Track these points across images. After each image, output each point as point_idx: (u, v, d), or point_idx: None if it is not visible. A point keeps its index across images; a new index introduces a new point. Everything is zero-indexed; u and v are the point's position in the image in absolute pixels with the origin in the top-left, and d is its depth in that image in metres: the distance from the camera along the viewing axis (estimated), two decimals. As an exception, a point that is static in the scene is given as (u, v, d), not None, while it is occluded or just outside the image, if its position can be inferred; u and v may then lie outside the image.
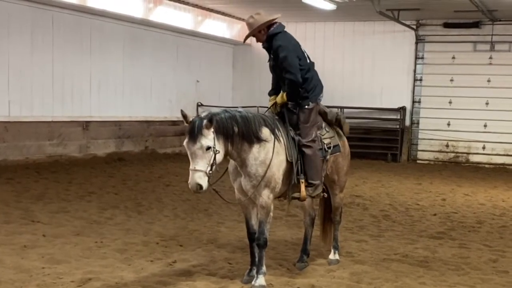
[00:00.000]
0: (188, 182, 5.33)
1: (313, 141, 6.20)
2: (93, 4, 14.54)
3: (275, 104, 6.25)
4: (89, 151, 15.84)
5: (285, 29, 6.22)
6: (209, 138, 5.31)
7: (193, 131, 5.28)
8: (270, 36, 6.13)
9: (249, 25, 6.15)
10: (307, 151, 6.11)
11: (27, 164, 13.66)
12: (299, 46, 6.28)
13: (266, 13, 6.16)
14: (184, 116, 5.38)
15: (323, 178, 6.35)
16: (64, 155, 15.04)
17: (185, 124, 5.40)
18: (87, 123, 15.77)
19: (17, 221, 8.15)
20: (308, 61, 6.33)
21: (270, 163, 5.67)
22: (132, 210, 9.37)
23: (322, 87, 6.43)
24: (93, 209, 9.29)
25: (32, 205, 9.28)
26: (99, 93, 16.17)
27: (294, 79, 6.03)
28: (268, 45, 6.20)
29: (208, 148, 5.29)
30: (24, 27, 13.96)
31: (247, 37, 6.28)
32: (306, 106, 6.21)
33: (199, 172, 5.26)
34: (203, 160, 5.29)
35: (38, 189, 10.80)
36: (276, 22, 6.17)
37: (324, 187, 6.48)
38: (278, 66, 6.16)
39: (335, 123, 6.71)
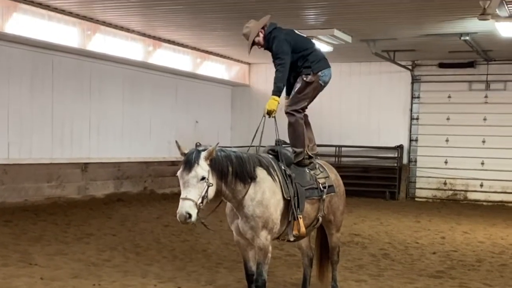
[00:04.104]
0: (177, 211, 5.20)
1: (297, 111, 6.38)
2: (93, 48, 14.72)
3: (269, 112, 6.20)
4: (88, 193, 15.83)
5: (277, 25, 6.56)
6: (205, 169, 5.29)
7: (190, 160, 5.26)
8: (267, 35, 6.46)
9: (245, 35, 6.56)
10: (290, 118, 6.35)
11: (26, 206, 13.63)
12: (294, 32, 6.61)
13: (256, 21, 6.60)
14: (179, 147, 5.41)
15: (306, 147, 6.45)
16: (63, 196, 15.03)
17: (180, 154, 5.39)
18: (86, 164, 15.82)
19: (14, 264, 8.11)
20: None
21: (267, 204, 5.65)
22: (130, 252, 9.33)
23: (328, 65, 6.60)
24: (91, 251, 9.25)
25: (30, 248, 9.24)
26: (98, 134, 16.26)
27: (281, 62, 6.28)
28: (268, 45, 6.50)
29: (203, 178, 5.25)
30: (24, 70, 14.12)
31: (251, 45, 6.56)
32: (305, 78, 6.44)
33: (190, 202, 5.18)
34: (195, 190, 5.21)
35: (36, 231, 10.77)
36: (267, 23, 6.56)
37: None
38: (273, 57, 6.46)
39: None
